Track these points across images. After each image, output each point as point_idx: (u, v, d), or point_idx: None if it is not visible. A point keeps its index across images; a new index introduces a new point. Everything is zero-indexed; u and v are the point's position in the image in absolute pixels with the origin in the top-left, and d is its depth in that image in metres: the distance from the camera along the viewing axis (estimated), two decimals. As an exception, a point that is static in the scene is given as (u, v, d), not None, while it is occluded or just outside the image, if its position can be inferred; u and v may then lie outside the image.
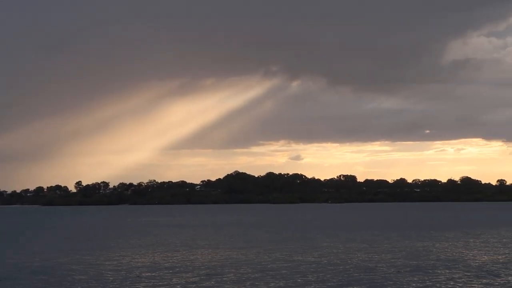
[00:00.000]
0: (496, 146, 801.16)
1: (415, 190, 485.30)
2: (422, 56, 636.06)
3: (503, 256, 70.63)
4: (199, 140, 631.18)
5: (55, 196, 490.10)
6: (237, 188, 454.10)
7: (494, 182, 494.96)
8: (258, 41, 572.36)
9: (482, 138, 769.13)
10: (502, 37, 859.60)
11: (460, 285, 50.67)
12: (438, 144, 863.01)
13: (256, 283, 51.75)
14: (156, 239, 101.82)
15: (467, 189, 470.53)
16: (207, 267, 62.05)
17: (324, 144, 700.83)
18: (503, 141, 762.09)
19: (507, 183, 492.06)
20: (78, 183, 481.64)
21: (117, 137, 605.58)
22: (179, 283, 52.54)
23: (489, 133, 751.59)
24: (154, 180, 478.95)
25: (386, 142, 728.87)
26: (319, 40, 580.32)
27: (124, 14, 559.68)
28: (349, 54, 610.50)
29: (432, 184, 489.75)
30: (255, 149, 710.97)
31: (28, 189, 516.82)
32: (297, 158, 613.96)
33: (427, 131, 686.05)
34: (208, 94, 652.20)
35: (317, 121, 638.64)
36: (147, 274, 57.44)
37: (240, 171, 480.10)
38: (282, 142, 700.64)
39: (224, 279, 54.34)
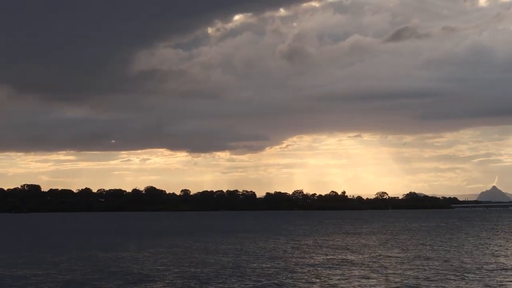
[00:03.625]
0: (181, 157, 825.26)
1: (100, 200, 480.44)
2: (109, 66, 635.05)
3: (184, 266, 68.03)
4: None
5: None
6: None
7: (178, 192, 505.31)
8: None
9: (167, 149, 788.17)
10: (188, 49, 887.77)
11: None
12: (124, 154, 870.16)
13: None
14: None
15: (151, 199, 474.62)
16: None
17: (8, 153, 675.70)
18: (187, 151, 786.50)
19: (191, 193, 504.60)
20: None
21: None
22: None
23: (174, 143, 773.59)
24: None
25: (72, 151, 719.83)
26: (4, 49, 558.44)
27: None
28: (36, 63, 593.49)
29: (117, 194, 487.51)
30: None
31: None
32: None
33: (113, 141, 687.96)
34: None
35: (2, 130, 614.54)
36: None
37: None
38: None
39: None
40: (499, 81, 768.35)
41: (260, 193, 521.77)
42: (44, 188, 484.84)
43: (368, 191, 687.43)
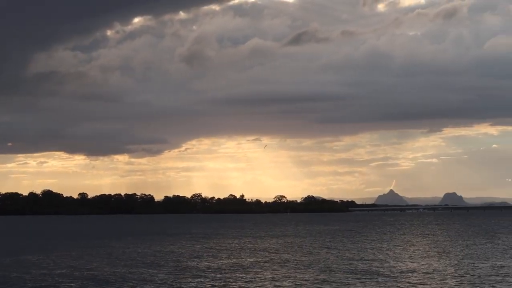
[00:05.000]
0: (79, 160, 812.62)
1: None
2: (4, 68, 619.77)
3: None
4: None
5: None
6: None
7: (75, 195, 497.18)
8: None
9: (65, 152, 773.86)
10: (88, 51, 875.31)
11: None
12: (20, 157, 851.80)
13: None
14: None
15: (49, 203, 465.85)
16: None
17: None
18: (85, 154, 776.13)
19: (89, 196, 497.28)
20: None
21: None
22: None
23: (72, 146, 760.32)
24: None
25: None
26: None
27: None
28: None
29: (13, 197, 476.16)
30: None
31: None
32: None
33: (10, 144, 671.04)
34: None
35: None
36: None
37: None
38: None
39: None
40: (396, 85, 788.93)
41: (158, 197, 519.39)
42: None
43: (267, 195, 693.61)
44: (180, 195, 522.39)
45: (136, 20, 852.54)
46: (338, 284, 54.10)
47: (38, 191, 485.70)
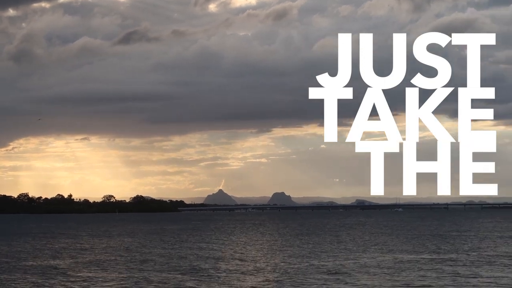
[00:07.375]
0: None
1: None
2: None
3: None
4: None
5: None
6: None
7: None
8: None
9: None
10: None
11: None
12: None
13: None
14: None
15: None
16: None
17: None
18: None
19: None
20: None
21: None
22: None
23: None
24: None
25: None
26: None
27: None
28: None
29: None
30: None
31: None
32: None
33: None
34: None
35: None
36: None
37: None
38: None
39: None
40: (226, 85, 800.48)
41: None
42: None
43: (95, 194, 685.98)
44: (6, 194, 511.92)
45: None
46: (168, 282, 55.68)
47: None
